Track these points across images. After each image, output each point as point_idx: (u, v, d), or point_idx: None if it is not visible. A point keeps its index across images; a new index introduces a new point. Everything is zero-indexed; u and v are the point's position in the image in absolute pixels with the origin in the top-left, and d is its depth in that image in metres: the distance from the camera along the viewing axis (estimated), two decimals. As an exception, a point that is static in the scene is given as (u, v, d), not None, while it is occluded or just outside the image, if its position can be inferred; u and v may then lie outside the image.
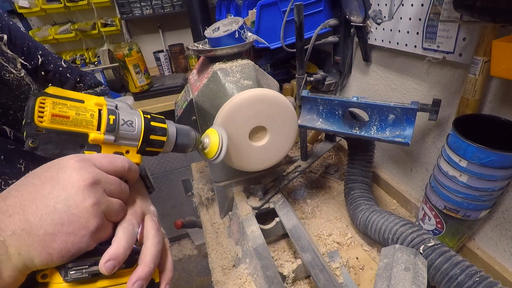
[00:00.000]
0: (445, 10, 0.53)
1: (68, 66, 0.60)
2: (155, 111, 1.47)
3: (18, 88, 0.42)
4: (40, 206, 0.26)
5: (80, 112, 0.32)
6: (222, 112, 0.55)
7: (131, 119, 0.37)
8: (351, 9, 0.77)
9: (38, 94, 0.31)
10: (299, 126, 0.67)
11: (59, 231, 0.26)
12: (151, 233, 0.34)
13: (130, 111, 0.38)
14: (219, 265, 0.66)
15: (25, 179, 0.28)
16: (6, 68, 0.41)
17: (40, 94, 0.30)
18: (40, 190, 0.27)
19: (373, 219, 0.63)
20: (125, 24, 1.83)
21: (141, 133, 0.37)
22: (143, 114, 0.38)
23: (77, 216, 0.27)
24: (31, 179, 0.28)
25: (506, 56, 0.40)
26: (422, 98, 0.67)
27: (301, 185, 0.91)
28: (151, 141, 0.38)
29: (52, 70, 0.57)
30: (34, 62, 0.54)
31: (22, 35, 0.53)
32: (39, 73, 0.55)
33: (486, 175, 0.47)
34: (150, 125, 0.38)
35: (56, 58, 0.59)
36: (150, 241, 0.33)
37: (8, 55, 0.44)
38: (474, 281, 0.47)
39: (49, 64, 0.57)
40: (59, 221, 0.26)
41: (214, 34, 0.63)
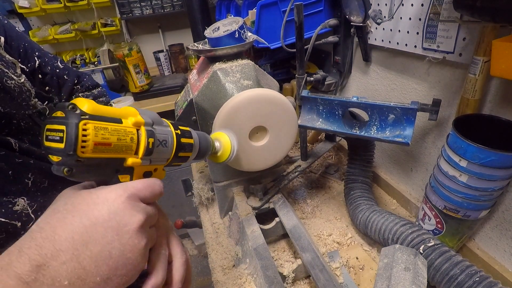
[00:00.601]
0: (445, 10, 0.53)
1: (64, 67, 0.57)
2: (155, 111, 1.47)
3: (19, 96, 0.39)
4: (94, 252, 0.25)
5: (121, 136, 0.29)
6: (222, 112, 0.55)
7: (166, 138, 0.35)
8: (351, 9, 0.77)
9: (77, 116, 0.26)
10: (299, 126, 0.67)
11: (113, 275, 0.26)
12: (178, 253, 0.34)
13: (163, 128, 0.35)
14: (219, 265, 0.66)
15: (69, 215, 0.26)
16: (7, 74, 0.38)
17: (80, 117, 0.26)
18: (92, 233, 0.26)
19: (373, 219, 0.63)
20: (125, 24, 1.83)
21: (172, 151, 0.36)
22: (173, 128, 0.37)
23: (131, 259, 0.27)
24: (79, 218, 0.26)
25: (506, 56, 0.40)
26: (422, 98, 0.67)
27: (301, 185, 0.91)
28: (179, 157, 0.38)
29: (50, 73, 0.54)
30: (31, 65, 0.50)
31: (17, 35, 0.49)
32: (36, 76, 0.51)
33: (486, 175, 0.46)
34: (181, 142, 0.37)
35: (52, 58, 0.56)
36: (178, 262, 0.33)
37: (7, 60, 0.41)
38: (474, 281, 0.47)
39: (46, 66, 0.54)
40: (114, 266, 0.26)
41: (214, 34, 0.63)
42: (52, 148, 0.26)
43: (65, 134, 0.25)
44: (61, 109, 0.26)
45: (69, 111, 0.26)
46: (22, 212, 0.33)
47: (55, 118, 0.26)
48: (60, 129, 0.26)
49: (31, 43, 0.52)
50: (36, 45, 0.53)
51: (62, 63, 0.57)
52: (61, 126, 0.26)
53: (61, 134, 0.26)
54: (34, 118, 0.39)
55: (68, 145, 0.25)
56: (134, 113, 0.32)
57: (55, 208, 0.27)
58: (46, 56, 0.54)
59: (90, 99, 0.61)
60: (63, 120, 0.26)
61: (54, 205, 0.28)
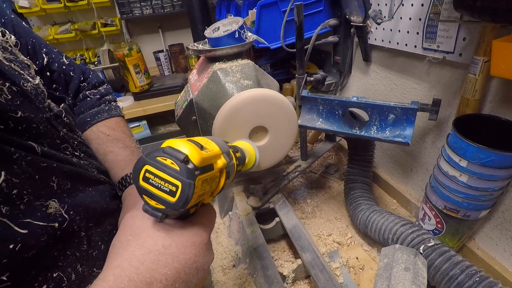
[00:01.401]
0: (445, 10, 0.53)
1: (70, 63, 0.55)
2: (155, 111, 1.47)
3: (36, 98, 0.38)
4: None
5: (212, 183, 0.30)
6: (222, 112, 0.55)
7: (231, 172, 0.35)
8: (351, 9, 0.77)
9: (192, 174, 0.26)
10: (299, 126, 0.67)
11: None
12: None
13: (231, 163, 0.35)
14: (219, 265, 0.66)
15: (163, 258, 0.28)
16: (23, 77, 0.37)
17: (195, 174, 0.26)
18: (180, 274, 0.28)
19: (373, 219, 0.63)
20: (125, 24, 1.83)
21: (230, 181, 0.36)
22: (235, 159, 0.36)
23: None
24: (171, 261, 0.28)
25: (506, 56, 0.40)
26: (422, 98, 0.67)
27: (301, 185, 0.91)
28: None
29: (57, 70, 0.52)
30: (39, 62, 0.48)
31: (25, 30, 0.47)
32: (44, 74, 0.49)
33: (486, 175, 0.46)
34: (237, 171, 0.37)
35: (58, 54, 0.54)
36: None
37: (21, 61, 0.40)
38: (474, 281, 0.47)
39: (53, 63, 0.51)
40: None
41: (214, 34, 0.63)
42: (156, 196, 0.26)
43: (179, 191, 0.26)
44: (172, 157, 0.26)
45: (184, 166, 0.26)
46: (56, 214, 0.34)
47: (164, 165, 0.26)
48: (174, 183, 0.26)
49: (38, 39, 0.50)
50: (42, 40, 0.51)
51: (67, 58, 0.55)
52: (176, 181, 0.26)
53: (173, 189, 0.26)
54: (51, 121, 0.39)
55: (180, 202, 0.26)
56: (218, 154, 0.32)
57: (145, 246, 0.28)
58: (52, 52, 0.52)
59: (97, 97, 0.58)
60: (178, 175, 0.26)
61: (140, 238, 0.28)
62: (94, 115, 0.55)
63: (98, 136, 0.53)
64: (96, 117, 0.55)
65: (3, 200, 0.29)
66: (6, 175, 0.29)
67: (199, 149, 0.28)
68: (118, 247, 0.28)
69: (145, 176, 0.26)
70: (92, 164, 0.45)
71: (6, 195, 0.29)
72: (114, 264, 0.27)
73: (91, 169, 0.44)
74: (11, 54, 0.38)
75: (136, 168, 0.27)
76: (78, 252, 0.36)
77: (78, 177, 0.40)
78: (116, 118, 0.58)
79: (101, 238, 0.41)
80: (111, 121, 0.56)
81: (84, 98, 0.57)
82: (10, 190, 0.29)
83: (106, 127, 0.55)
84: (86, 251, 0.38)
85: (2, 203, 0.28)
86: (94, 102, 0.57)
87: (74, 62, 0.57)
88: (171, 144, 0.27)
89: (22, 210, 0.30)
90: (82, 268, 0.36)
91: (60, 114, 0.41)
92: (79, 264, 0.36)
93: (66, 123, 0.42)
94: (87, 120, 0.54)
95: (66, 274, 0.34)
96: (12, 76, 0.34)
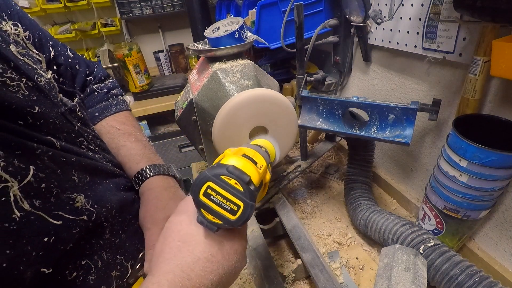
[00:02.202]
0: (445, 10, 0.53)
1: (75, 56, 0.54)
2: (155, 111, 1.48)
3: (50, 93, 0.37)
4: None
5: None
6: (222, 112, 0.55)
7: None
8: (351, 9, 0.77)
9: (254, 195, 0.28)
10: (299, 126, 0.67)
11: None
12: None
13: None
14: (219, 265, 0.66)
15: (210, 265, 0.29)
16: (37, 71, 0.37)
17: (255, 194, 0.28)
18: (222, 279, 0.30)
19: (373, 219, 0.63)
20: (125, 24, 1.83)
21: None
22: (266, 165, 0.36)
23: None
24: (216, 268, 0.30)
25: (506, 56, 0.40)
26: (422, 98, 0.67)
27: (301, 185, 0.91)
28: None
29: (64, 63, 0.51)
30: (46, 56, 0.47)
31: (31, 23, 0.46)
32: (51, 68, 0.48)
33: (486, 175, 0.46)
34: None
35: (63, 47, 0.53)
36: None
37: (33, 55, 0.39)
38: (474, 281, 0.47)
39: (60, 56, 0.50)
40: None
41: (214, 34, 0.63)
42: (216, 212, 0.28)
43: (240, 211, 0.27)
44: (237, 178, 0.27)
45: (248, 188, 0.27)
46: (82, 208, 0.34)
47: (229, 185, 0.27)
48: (237, 203, 0.27)
49: (44, 32, 0.49)
50: (48, 33, 0.50)
51: (71, 51, 0.54)
52: (239, 202, 0.27)
53: (235, 208, 0.27)
54: (66, 115, 0.38)
55: (239, 221, 0.27)
56: (266, 168, 0.33)
57: (195, 253, 0.29)
58: (58, 45, 0.51)
59: (104, 91, 0.57)
60: (242, 196, 0.27)
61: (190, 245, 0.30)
62: (102, 109, 0.55)
63: (109, 130, 0.53)
64: (105, 111, 0.55)
65: (34, 194, 0.29)
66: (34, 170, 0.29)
67: (257, 168, 0.30)
68: (168, 252, 0.29)
69: (207, 192, 0.27)
70: (106, 157, 0.46)
71: (36, 189, 0.29)
72: (166, 269, 0.28)
73: (106, 162, 0.44)
74: (23, 48, 0.38)
75: (197, 182, 0.28)
76: (101, 241, 0.38)
77: (96, 171, 0.40)
78: (125, 112, 0.58)
79: (121, 228, 0.42)
80: (120, 115, 0.56)
81: (92, 93, 0.56)
82: (39, 185, 0.30)
83: (116, 121, 0.55)
84: (109, 239, 0.39)
85: (34, 197, 0.29)
86: (102, 96, 0.57)
87: (78, 55, 0.56)
88: (234, 163, 0.28)
89: (53, 203, 0.31)
90: (107, 256, 0.38)
91: (74, 108, 0.41)
92: (104, 252, 0.37)
93: (80, 117, 0.42)
94: (96, 115, 0.54)
95: (93, 262, 0.35)
96: (27, 71, 0.34)
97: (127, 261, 0.41)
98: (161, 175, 0.49)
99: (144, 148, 0.53)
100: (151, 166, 0.49)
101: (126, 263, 0.41)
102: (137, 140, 0.53)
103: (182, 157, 1.69)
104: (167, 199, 0.46)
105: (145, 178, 0.48)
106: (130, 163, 0.50)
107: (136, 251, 0.43)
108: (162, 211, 0.44)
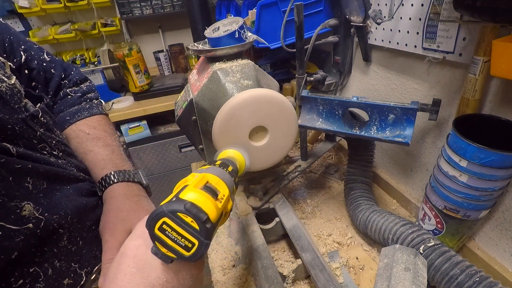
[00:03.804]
0: (445, 10, 0.53)
1: (51, 59, 0.53)
2: (155, 111, 1.48)
3: (11, 99, 0.37)
4: None
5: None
6: (222, 112, 0.55)
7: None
8: (351, 9, 0.77)
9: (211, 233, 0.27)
10: (299, 126, 0.67)
11: None
12: None
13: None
14: (219, 265, 0.66)
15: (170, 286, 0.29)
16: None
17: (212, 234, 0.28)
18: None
19: (373, 219, 0.63)
20: (125, 24, 1.83)
21: None
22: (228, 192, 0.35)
23: None
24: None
25: (506, 56, 0.40)
26: (422, 98, 0.67)
27: (301, 185, 0.91)
28: None
29: (36, 67, 0.50)
30: (17, 60, 0.47)
31: (2, 27, 0.45)
32: (22, 72, 0.48)
33: (486, 175, 0.46)
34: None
35: (38, 50, 0.52)
36: None
37: None
38: (474, 281, 0.47)
39: (32, 60, 0.50)
40: None
41: (214, 34, 0.63)
42: (170, 247, 0.27)
43: (195, 249, 0.27)
44: (193, 217, 0.27)
45: (204, 227, 0.27)
46: (29, 216, 0.34)
47: (185, 223, 0.27)
48: (192, 241, 0.27)
49: (16, 35, 0.49)
50: (21, 36, 0.50)
51: (48, 55, 0.53)
52: (194, 240, 0.27)
53: (189, 245, 0.27)
54: (27, 121, 0.38)
55: (193, 258, 0.27)
56: (228, 197, 0.32)
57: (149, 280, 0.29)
58: (32, 48, 0.51)
59: (78, 95, 0.56)
60: (198, 235, 0.27)
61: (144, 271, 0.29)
62: (74, 113, 0.54)
63: (78, 135, 0.52)
64: (76, 115, 0.54)
65: None
66: None
67: (215, 203, 0.29)
68: (121, 280, 0.29)
69: (162, 227, 0.27)
70: (72, 162, 0.45)
71: None
72: None
73: (70, 167, 0.44)
74: None
75: (153, 216, 0.27)
76: (56, 248, 0.37)
77: (55, 177, 0.39)
78: (98, 116, 0.57)
79: (80, 234, 0.41)
80: (92, 119, 0.55)
81: (65, 96, 0.55)
82: None
83: (86, 125, 0.54)
84: (65, 247, 0.38)
85: None
86: (75, 100, 0.56)
87: (55, 58, 0.55)
88: (193, 199, 0.28)
89: None
90: (60, 264, 0.37)
91: (36, 114, 0.41)
92: (56, 260, 0.37)
93: (43, 123, 0.42)
94: (67, 119, 0.53)
95: (43, 269, 0.35)
96: None
97: (82, 268, 0.40)
98: (125, 182, 0.48)
99: (112, 153, 0.52)
100: (115, 172, 0.48)
101: (81, 271, 0.40)
102: (105, 145, 0.52)
103: (182, 157, 1.69)
104: (129, 210, 0.45)
105: (109, 184, 0.47)
106: (96, 168, 0.49)
107: (94, 258, 0.43)
108: (122, 222, 0.43)
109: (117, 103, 1.50)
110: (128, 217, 0.44)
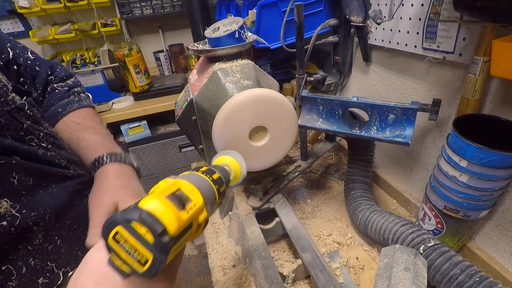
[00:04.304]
0: (445, 10, 0.53)
1: (35, 58, 0.56)
2: (155, 111, 1.48)
3: None
4: None
5: (188, 238, 0.28)
6: (222, 112, 0.55)
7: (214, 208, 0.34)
8: (351, 9, 0.77)
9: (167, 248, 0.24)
10: (299, 126, 0.67)
11: None
12: None
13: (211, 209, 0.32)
14: (219, 265, 0.66)
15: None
16: None
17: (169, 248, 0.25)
18: None
19: (373, 219, 0.63)
20: (125, 24, 1.83)
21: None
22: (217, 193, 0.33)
23: None
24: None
25: (506, 56, 0.40)
26: (422, 98, 0.67)
27: (301, 185, 0.91)
28: None
29: (23, 64, 0.52)
30: (5, 56, 0.48)
31: None
32: (11, 68, 0.49)
33: (486, 175, 0.46)
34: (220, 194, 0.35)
35: (23, 49, 0.54)
36: None
37: None
38: (474, 281, 0.47)
39: (19, 57, 0.52)
40: None
41: (214, 34, 0.63)
42: (124, 260, 0.25)
43: (149, 264, 0.24)
44: (148, 227, 0.24)
45: (159, 240, 0.24)
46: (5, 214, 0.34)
47: (138, 234, 0.24)
48: (145, 255, 0.24)
49: (2, 34, 0.51)
50: (5, 35, 0.52)
51: (32, 53, 0.56)
52: (148, 254, 0.24)
53: (143, 260, 0.24)
54: (13, 113, 0.38)
55: (148, 273, 0.24)
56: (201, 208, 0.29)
57: None
58: (17, 47, 0.53)
59: (65, 89, 0.59)
60: (152, 249, 0.24)
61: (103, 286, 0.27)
62: (65, 106, 0.56)
63: (70, 125, 0.54)
64: (67, 107, 0.56)
65: None
66: None
67: (179, 214, 0.26)
68: None
69: (115, 237, 0.24)
70: (61, 155, 0.46)
71: None
72: None
73: (60, 160, 0.44)
74: None
75: (107, 225, 0.25)
76: (30, 246, 0.37)
77: (42, 174, 0.39)
78: (86, 108, 0.59)
79: (58, 233, 0.41)
80: (82, 111, 0.58)
81: (53, 91, 0.58)
82: None
83: (77, 116, 0.56)
84: (41, 245, 0.38)
85: None
86: (63, 93, 0.58)
87: (40, 57, 0.58)
88: (151, 208, 0.25)
89: None
90: (34, 262, 0.37)
91: (22, 106, 0.41)
92: (31, 258, 0.36)
93: (29, 115, 0.42)
94: (59, 111, 0.55)
95: (16, 268, 0.34)
96: None
97: (59, 268, 0.40)
98: (117, 162, 0.50)
99: (103, 139, 0.54)
100: (108, 154, 0.50)
101: (58, 270, 0.39)
102: (96, 132, 0.55)
103: (182, 157, 1.69)
104: (118, 186, 0.46)
105: (101, 165, 0.49)
106: (89, 153, 0.51)
107: (74, 258, 0.42)
108: (109, 195, 0.44)
109: (117, 103, 1.50)
110: (117, 193, 0.45)
